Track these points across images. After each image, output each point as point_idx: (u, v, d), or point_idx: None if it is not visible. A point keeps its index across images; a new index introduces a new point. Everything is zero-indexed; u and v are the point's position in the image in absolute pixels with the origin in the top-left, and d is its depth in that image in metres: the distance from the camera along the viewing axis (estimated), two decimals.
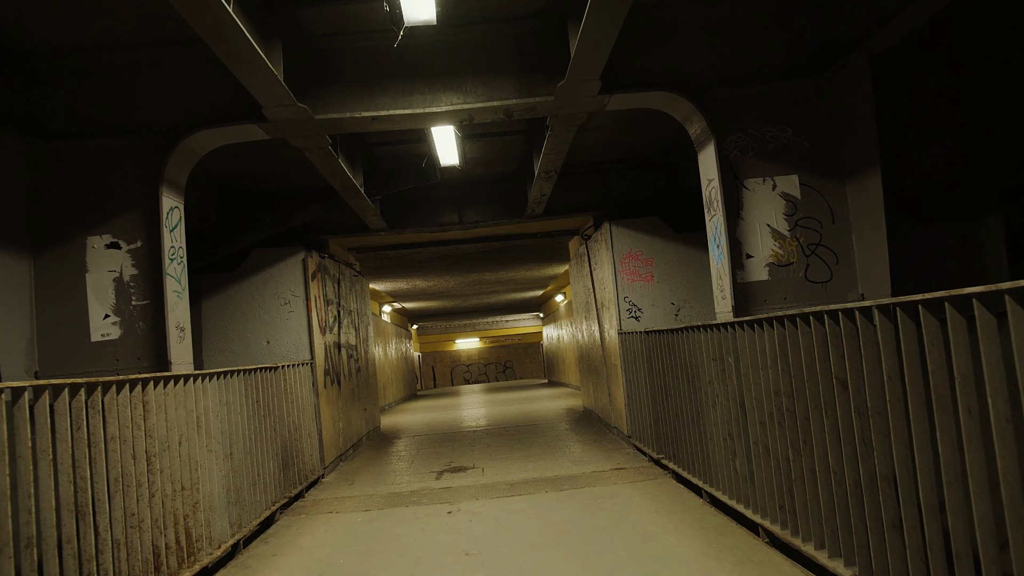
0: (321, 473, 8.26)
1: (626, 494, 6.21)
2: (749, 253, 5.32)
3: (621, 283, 8.65)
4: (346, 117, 5.15)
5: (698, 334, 5.49)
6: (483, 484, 7.19)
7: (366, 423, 11.63)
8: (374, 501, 6.88)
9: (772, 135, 5.42)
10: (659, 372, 6.83)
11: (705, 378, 5.44)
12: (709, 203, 5.52)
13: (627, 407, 8.45)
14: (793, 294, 5.31)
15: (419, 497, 6.87)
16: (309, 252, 8.78)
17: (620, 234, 8.72)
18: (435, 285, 18.39)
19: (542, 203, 8.79)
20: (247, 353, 8.49)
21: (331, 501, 7.06)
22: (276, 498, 6.57)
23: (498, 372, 45.62)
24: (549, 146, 6.43)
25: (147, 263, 5.18)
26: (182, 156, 5.32)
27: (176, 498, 4.58)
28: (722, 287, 5.36)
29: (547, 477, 7.26)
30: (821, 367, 3.56)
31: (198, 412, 4.99)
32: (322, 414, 8.51)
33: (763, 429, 4.39)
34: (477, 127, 7.28)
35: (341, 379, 9.79)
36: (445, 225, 9.56)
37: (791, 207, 5.37)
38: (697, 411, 5.71)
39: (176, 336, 5.14)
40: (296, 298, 8.58)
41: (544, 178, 7.54)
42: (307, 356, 8.48)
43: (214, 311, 8.54)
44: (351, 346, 10.79)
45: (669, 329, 6.26)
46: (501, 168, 9.16)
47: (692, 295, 8.68)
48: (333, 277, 9.94)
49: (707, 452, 5.54)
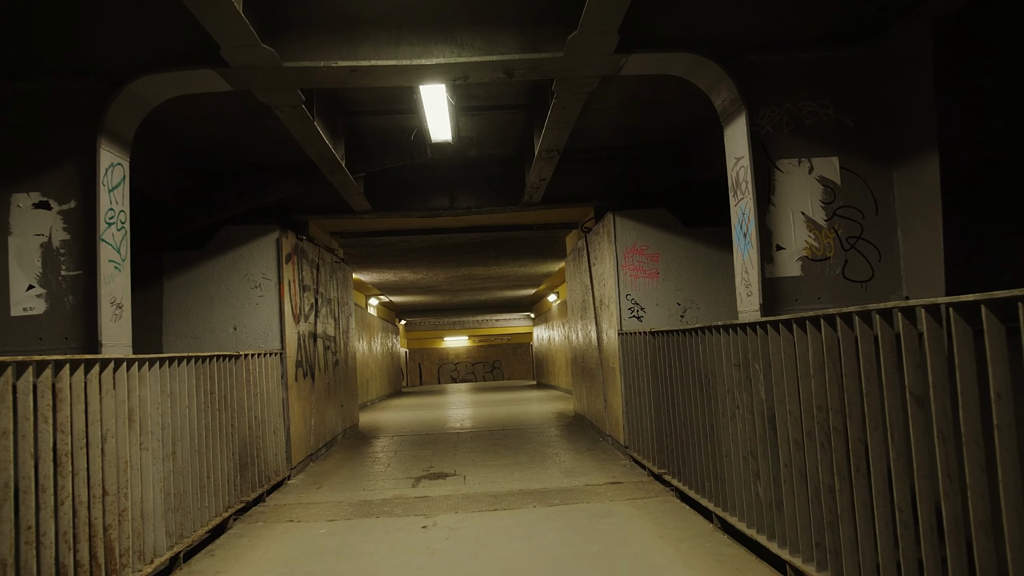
0: (287, 475, 7.51)
1: (624, 513, 5.50)
2: (780, 244, 4.62)
3: (623, 279, 7.95)
4: (320, 67, 4.41)
5: (717, 336, 4.78)
6: (464, 495, 6.46)
7: (342, 420, 10.88)
8: (341, 509, 6.14)
9: (810, 111, 4.73)
10: (665, 378, 6.13)
11: (723, 387, 4.74)
12: (736, 185, 4.82)
13: (625, 415, 7.74)
14: (828, 293, 4.61)
15: (392, 507, 6.14)
16: (284, 232, 8.03)
17: (624, 226, 8.01)
18: (424, 278, 17.65)
19: (541, 189, 8.08)
20: (212, 339, 7.74)
21: (294, 507, 6.31)
22: (230, 503, 5.82)
23: (486, 372, 44.89)
24: (553, 118, 5.71)
25: (81, 227, 4.43)
26: (127, 104, 4.57)
27: (96, 505, 3.83)
28: (748, 282, 4.66)
29: (535, 489, 6.54)
30: (888, 378, 2.86)
31: (131, 403, 4.25)
32: (291, 409, 7.76)
33: (798, 449, 3.69)
34: (473, 96, 6.55)
35: (316, 372, 9.04)
36: (435, 210, 8.83)
37: (829, 194, 4.68)
38: (711, 424, 5.00)
39: (111, 313, 4.39)
40: (268, 281, 7.83)
41: (545, 158, 6.83)
42: (277, 345, 7.73)
43: (177, 293, 7.78)
44: (329, 337, 10.03)
45: (681, 330, 5.56)
46: (498, 150, 8.44)
47: (700, 295, 7.99)
48: (311, 262, 9.18)
49: (721, 471, 4.83)
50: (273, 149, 7.62)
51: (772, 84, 4.72)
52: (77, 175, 4.42)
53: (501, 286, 20.75)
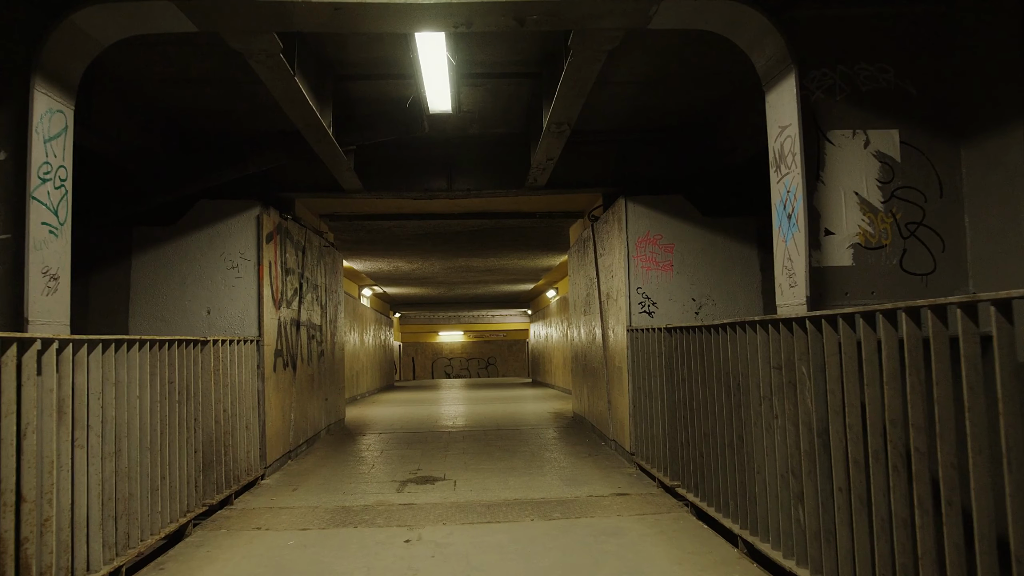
0: (261, 474, 6.85)
1: (634, 532, 4.85)
2: (829, 229, 3.97)
3: (634, 271, 7.29)
4: (299, 0, 3.74)
5: (751, 333, 4.14)
6: (454, 503, 5.81)
7: (327, 415, 10.22)
8: (316, 516, 5.49)
9: (868, 75, 4.07)
10: (682, 380, 5.48)
11: (757, 392, 4.09)
12: (779, 159, 4.17)
13: (632, 419, 7.10)
14: (883, 287, 3.97)
15: (373, 515, 5.48)
16: (266, 209, 7.36)
17: (637, 212, 7.36)
18: (419, 269, 16.98)
19: (547, 170, 7.42)
20: (183, 323, 7.07)
21: (264, 512, 5.66)
22: (190, 507, 5.16)
23: (480, 368, 44.25)
24: (567, 83, 5.06)
25: (11, 183, 3.76)
26: (69, 40, 3.89)
27: (6, 515, 3.17)
28: (791, 271, 4.01)
29: (533, 499, 5.89)
30: (1006, 392, 2.21)
31: (62, 393, 3.59)
32: (268, 402, 7.10)
33: (860, 472, 3.04)
34: (476, 62, 5.89)
35: (298, 363, 8.37)
36: (431, 191, 8.16)
37: (887, 172, 4.03)
38: (739, 434, 4.35)
39: (41, 286, 3.72)
40: (246, 262, 7.15)
41: (555, 133, 6.16)
42: (254, 332, 7.07)
43: (147, 271, 7.11)
44: (314, 326, 9.37)
45: (705, 326, 4.91)
46: (501, 128, 7.77)
47: (717, 291, 7.34)
48: (296, 243, 8.52)
49: (750, 489, 4.19)
50: (256, 117, 6.96)
51: (825, 42, 4.06)
52: (6, 121, 3.75)
53: (499, 280, 20.09)
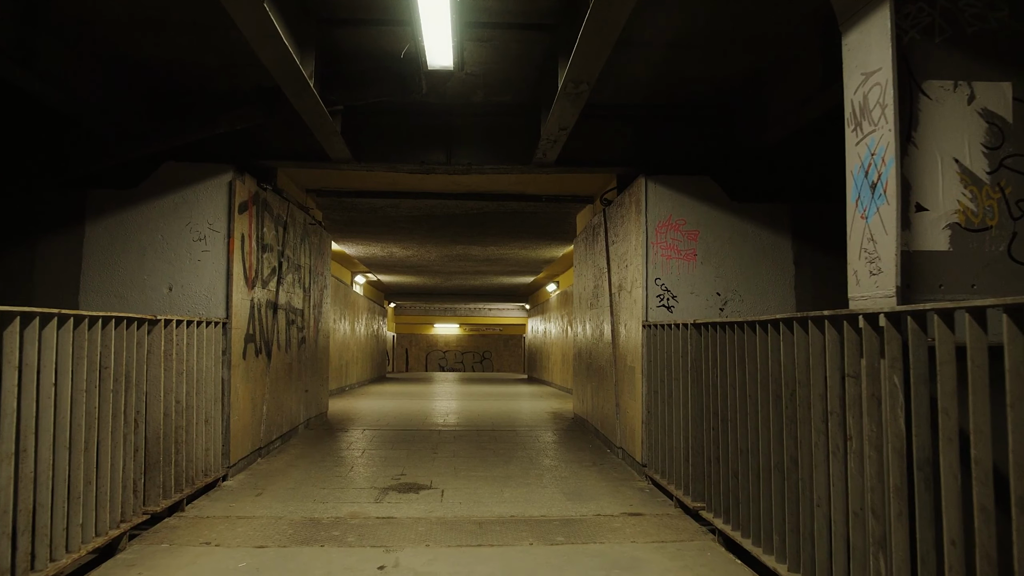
0: (222, 474, 6.04)
1: (654, 565, 4.04)
2: (921, 204, 3.15)
3: (653, 259, 6.47)
4: None
5: (814, 333, 3.33)
6: (440, 518, 5.00)
7: (306, 408, 9.40)
8: (278, 530, 4.68)
9: (975, 13, 3.25)
10: (712, 385, 4.67)
11: (820, 405, 3.28)
12: (860, 113, 3.34)
13: (645, 426, 6.29)
14: (986, 277, 3.15)
15: (345, 531, 4.67)
16: (240, 175, 6.52)
17: (659, 194, 6.53)
18: (414, 256, 16.15)
19: (558, 143, 6.59)
20: (141, 300, 6.24)
21: (218, 522, 4.84)
22: (127, 515, 4.35)
23: (475, 362, 43.49)
24: (590, 30, 4.23)
25: None
26: None
27: None
28: (872, 255, 3.19)
29: (532, 517, 5.08)
30: None
31: None
32: (234, 393, 6.28)
33: (987, 522, 2.24)
34: (484, 10, 5.06)
35: (273, 349, 7.54)
36: (428, 165, 7.33)
37: (995, 135, 3.21)
38: (792, 455, 3.55)
39: None
40: (215, 234, 6.32)
41: (571, 95, 5.34)
42: (221, 313, 6.24)
43: (102, 240, 6.27)
44: (295, 310, 8.54)
45: (748, 322, 4.10)
46: (508, 96, 6.94)
47: (745, 285, 6.53)
48: (277, 218, 7.68)
49: (805, 525, 3.38)
50: (231, 74, 6.14)
51: None
52: None
53: (498, 271, 19.27)
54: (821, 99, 5.52)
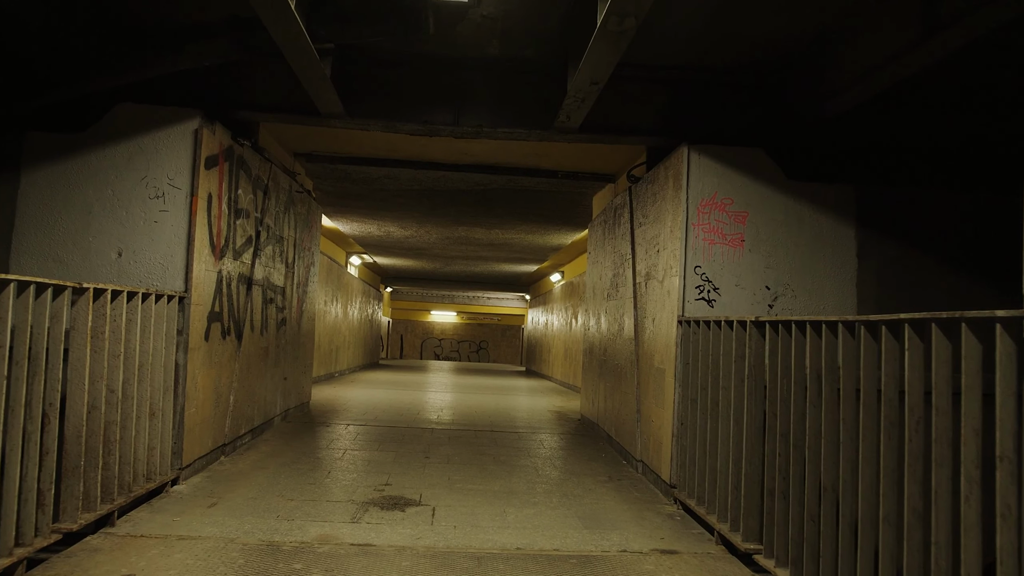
0: (172, 477, 5.06)
1: None
2: None
3: (694, 244, 5.49)
4: None
5: (973, 341, 2.35)
6: (429, 548, 4.03)
7: (284, 398, 8.41)
8: (224, 559, 3.70)
9: None
10: (782, 402, 3.69)
11: (973, 442, 2.31)
12: None
13: (676, 439, 5.32)
14: None
15: (309, 564, 3.70)
16: (210, 123, 5.52)
17: (703, 167, 5.54)
18: (413, 236, 15.14)
19: (586, 103, 5.58)
20: (84, 265, 5.25)
21: (152, 545, 3.87)
22: (25, 537, 3.38)
23: (471, 352, 42.53)
24: None
25: None
26: None
27: None
28: None
29: (541, 551, 4.11)
30: None
31: None
32: (191, 381, 5.29)
33: None
34: None
35: (245, 331, 6.55)
36: (433, 125, 6.32)
37: None
38: (914, 502, 2.57)
39: None
40: (176, 191, 5.32)
41: (612, 36, 4.32)
42: (180, 285, 5.25)
43: (42, 192, 5.27)
44: (274, 287, 7.55)
45: (845, 321, 3.11)
46: (530, 50, 5.93)
47: (799, 279, 5.55)
48: (256, 180, 6.68)
49: None
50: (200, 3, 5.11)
51: None
52: None
53: (501, 258, 18.27)
54: (915, 55, 4.51)
